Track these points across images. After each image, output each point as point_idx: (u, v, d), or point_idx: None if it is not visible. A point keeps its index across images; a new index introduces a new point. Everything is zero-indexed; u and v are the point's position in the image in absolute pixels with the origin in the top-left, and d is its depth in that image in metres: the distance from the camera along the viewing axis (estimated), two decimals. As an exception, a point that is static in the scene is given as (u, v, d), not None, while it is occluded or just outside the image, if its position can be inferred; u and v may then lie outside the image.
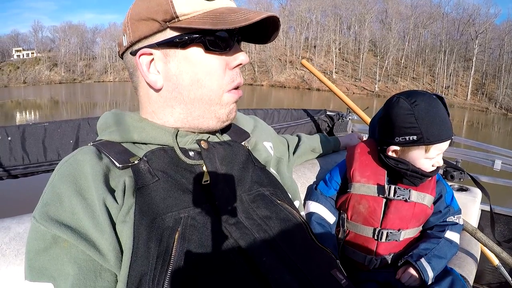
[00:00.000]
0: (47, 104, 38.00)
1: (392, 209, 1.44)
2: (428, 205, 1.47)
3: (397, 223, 1.45)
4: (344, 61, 78.58)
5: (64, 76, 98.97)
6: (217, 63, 0.97)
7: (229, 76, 0.99)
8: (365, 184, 1.49)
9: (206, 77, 0.96)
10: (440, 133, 1.31)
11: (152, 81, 0.98)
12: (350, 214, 1.52)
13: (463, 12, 71.20)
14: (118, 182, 0.91)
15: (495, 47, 64.78)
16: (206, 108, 1.00)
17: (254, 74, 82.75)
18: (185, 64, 0.96)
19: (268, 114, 2.59)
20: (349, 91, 65.29)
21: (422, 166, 1.39)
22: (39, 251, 0.80)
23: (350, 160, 1.58)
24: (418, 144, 1.33)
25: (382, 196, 1.45)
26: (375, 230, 1.46)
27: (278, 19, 0.96)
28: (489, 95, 57.74)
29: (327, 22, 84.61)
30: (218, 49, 0.95)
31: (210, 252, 0.82)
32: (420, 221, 1.52)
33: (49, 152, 1.61)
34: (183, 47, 0.95)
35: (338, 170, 1.66)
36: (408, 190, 1.43)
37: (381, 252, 1.48)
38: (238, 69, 1.02)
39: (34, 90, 66.34)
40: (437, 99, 1.36)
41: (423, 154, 1.37)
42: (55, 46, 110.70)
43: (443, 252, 1.45)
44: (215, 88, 0.98)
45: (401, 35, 76.98)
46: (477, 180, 2.32)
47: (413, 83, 67.91)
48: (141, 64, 0.97)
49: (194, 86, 0.97)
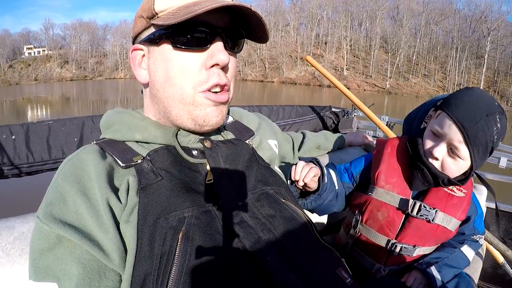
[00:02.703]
0: (58, 101, 38.17)
1: (412, 226, 1.33)
2: (452, 230, 1.35)
3: (413, 240, 1.35)
4: (355, 58, 78.03)
5: (75, 73, 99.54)
6: (190, 61, 0.94)
7: (204, 76, 0.95)
8: (389, 192, 1.36)
9: (177, 75, 0.94)
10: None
11: (137, 75, 1.02)
12: (366, 217, 1.41)
13: (475, 9, 70.31)
14: (122, 182, 0.90)
15: (507, 44, 63.78)
16: (181, 108, 0.97)
17: (265, 71, 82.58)
18: (160, 61, 0.96)
19: (273, 110, 2.60)
20: (360, 88, 65.00)
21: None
22: (43, 251, 0.80)
23: (377, 158, 1.44)
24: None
25: (403, 210, 1.34)
26: (388, 242, 1.37)
27: (246, 7, 0.91)
28: (501, 93, 56.97)
29: (338, 18, 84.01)
30: (188, 46, 0.93)
31: (214, 252, 0.81)
32: (439, 242, 1.43)
33: (53, 150, 1.62)
34: (156, 44, 0.96)
35: (361, 163, 1.54)
36: (435, 210, 1.31)
37: (391, 263, 1.42)
38: (217, 69, 0.96)
39: (45, 87, 66.76)
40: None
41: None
42: (66, 43, 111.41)
43: (455, 262, 1.40)
44: (186, 87, 0.95)
45: (412, 31, 76.18)
46: (483, 177, 2.30)
47: (425, 80, 67.24)
48: (132, 58, 1.02)
49: (167, 84, 0.96)
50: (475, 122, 1.14)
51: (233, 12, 0.96)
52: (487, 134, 1.14)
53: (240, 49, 1.06)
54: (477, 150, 1.17)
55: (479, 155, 1.19)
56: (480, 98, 1.17)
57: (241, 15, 0.96)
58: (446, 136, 1.21)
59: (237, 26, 1.00)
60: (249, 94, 48.39)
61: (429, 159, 1.27)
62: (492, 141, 1.16)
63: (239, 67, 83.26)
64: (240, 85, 64.93)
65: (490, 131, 1.14)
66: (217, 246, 0.82)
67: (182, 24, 0.87)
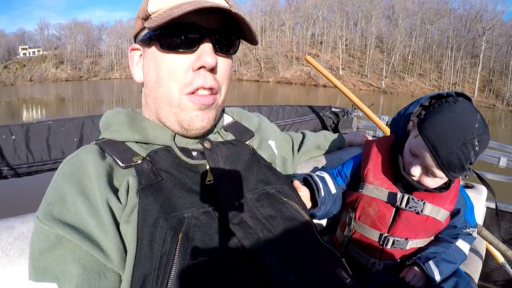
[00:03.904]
0: (53, 102, 38.10)
1: (403, 218, 1.37)
2: (441, 220, 1.38)
3: (405, 233, 1.39)
4: (351, 58, 78.19)
5: (71, 73, 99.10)
6: (178, 62, 0.94)
7: (190, 78, 0.94)
8: (378, 187, 1.41)
9: (165, 77, 0.95)
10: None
11: (133, 73, 1.05)
12: (358, 214, 1.46)
13: (471, 9, 70.55)
14: (122, 182, 0.90)
15: (502, 44, 64.26)
16: (168, 110, 0.98)
17: (261, 71, 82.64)
18: (151, 62, 0.98)
19: (273, 110, 2.60)
20: (356, 87, 65.08)
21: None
22: (43, 251, 0.80)
23: (365, 157, 1.50)
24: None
25: (393, 203, 1.38)
26: (381, 236, 1.41)
27: (226, 9, 0.90)
28: (496, 92, 57.28)
29: (333, 18, 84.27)
30: (176, 47, 0.93)
31: (214, 252, 0.81)
32: (430, 233, 1.46)
33: (53, 151, 1.61)
34: (147, 45, 0.98)
35: (350, 165, 1.60)
36: (423, 202, 1.34)
37: (385, 257, 1.44)
38: (204, 72, 0.95)
39: (41, 88, 66.42)
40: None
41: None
42: (61, 43, 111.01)
43: (452, 257, 1.42)
44: (173, 89, 0.95)
45: (408, 31, 76.44)
46: (483, 177, 2.30)
47: (420, 79, 67.57)
48: (131, 58, 1.05)
49: (157, 85, 0.97)
50: (450, 151, 1.13)
51: (225, 13, 0.94)
52: (463, 159, 1.14)
53: (236, 50, 1.04)
54: (453, 171, 1.19)
55: (456, 174, 1.21)
56: (459, 122, 1.14)
57: (231, 16, 0.94)
58: (422, 159, 1.24)
59: (230, 27, 0.98)
60: (244, 94, 48.42)
61: (408, 173, 1.31)
62: (469, 162, 1.16)
63: (235, 67, 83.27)
64: (235, 85, 65.05)
65: (466, 156, 1.13)
66: (216, 246, 0.82)
67: (169, 26, 0.88)
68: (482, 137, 1.13)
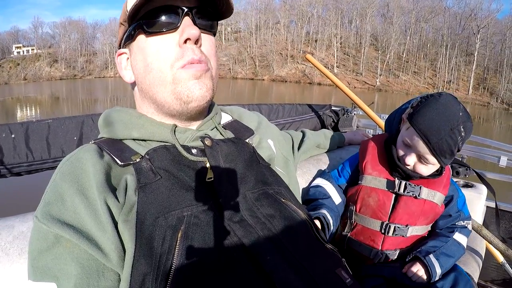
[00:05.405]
0: (48, 101, 37.88)
1: (402, 204, 1.45)
2: (438, 204, 1.47)
3: (405, 219, 1.45)
4: (346, 56, 78.39)
5: (65, 72, 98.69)
6: (164, 42, 0.95)
7: (179, 52, 0.95)
8: (377, 177, 1.50)
9: (154, 60, 0.96)
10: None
11: (123, 76, 1.06)
12: (359, 206, 1.53)
13: (465, 7, 70.78)
14: (120, 180, 0.90)
15: (497, 42, 64.50)
16: (163, 90, 0.97)
17: (255, 69, 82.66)
18: (138, 53, 0.99)
19: (273, 109, 2.59)
20: (351, 85, 65.12)
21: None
22: (42, 251, 0.80)
23: (363, 152, 1.58)
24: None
25: (391, 190, 1.46)
26: (382, 224, 1.47)
27: None
28: (491, 90, 57.62)
29: (328, 16, 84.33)
30: (159, 29, 0.94)
31: (214, 251, 0.81)
32: (429, 219, 1.51)
33: (53, 149, 1.60)
34: (132, 39, 0.99)
35: (351, 161, 1.68)
36: (419, 187, 1.44)
37: (387, 247, 1.49)
38: (191, 45, 0.95)
39: (35, 86, 66.05)
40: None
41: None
42: (55, 42, 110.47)
43: (451, 251, 1.46)
44: (164, 68, 0.95)
45: (402, 29, 76.69)
46: (483, 177, 2.31)
47: (415, 77, 67.81)
48: (118, 64, 1.06)
49: (146, 71, 0.97)
50: (440, 137, 1.25)
51: None
52: (452, 144, 1.26)
53: (215, 31, 1.06)
54: (444, 157, 1.30)
55: (446, 159, 1.32)
56: (445, 111, 1.27)
57: None
58: (415, 147, 1.34)
59: (206, 5, 0.99)
60: (239, 92, 48.41)
61: (403, 163, 1.42)
62: (457, 147, 1.28)
63: (229, 65, 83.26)
64: (230, 83, 64.94)
65: (454, 141, 1.26)
66: (216, 245, 0.82)
67: (148, 13, 0.92)
68: (466, 124, 1.26)
